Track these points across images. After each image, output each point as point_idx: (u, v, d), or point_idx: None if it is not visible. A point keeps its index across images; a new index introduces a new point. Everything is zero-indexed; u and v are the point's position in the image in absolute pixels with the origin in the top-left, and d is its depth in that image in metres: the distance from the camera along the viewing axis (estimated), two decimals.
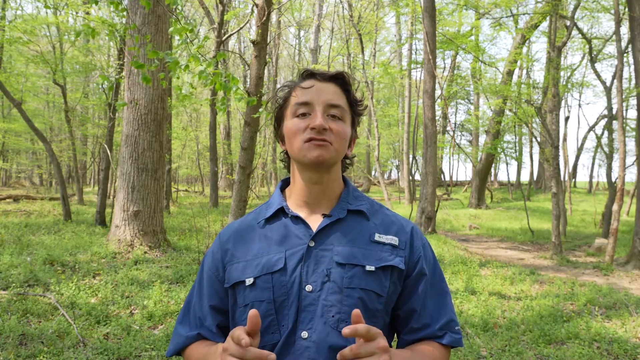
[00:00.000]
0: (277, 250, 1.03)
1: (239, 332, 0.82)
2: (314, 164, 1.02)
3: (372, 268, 1.00)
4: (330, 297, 0.98)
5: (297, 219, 1.05)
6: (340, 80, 1.08)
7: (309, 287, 0.98)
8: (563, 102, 21.52)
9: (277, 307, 0.98)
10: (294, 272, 0.99)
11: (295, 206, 1.09)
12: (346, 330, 0.80)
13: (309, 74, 1.09)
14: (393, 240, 1.05)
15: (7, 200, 14.36)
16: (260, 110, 4.15)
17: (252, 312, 0.83)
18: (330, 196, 1.09)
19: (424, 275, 1.06)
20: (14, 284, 4.76)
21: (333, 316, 0.97)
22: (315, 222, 1.06)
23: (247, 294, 1.01)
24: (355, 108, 1.11)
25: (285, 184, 1.17)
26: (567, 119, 20.04)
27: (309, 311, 0.97)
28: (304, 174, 1.07)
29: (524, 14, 14.29)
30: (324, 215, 1.06)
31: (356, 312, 0.82)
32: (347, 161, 1.15)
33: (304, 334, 0.96)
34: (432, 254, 1.12)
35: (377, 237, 1.05)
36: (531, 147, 26.47)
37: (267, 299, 0.99)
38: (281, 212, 1.08)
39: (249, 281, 1.01)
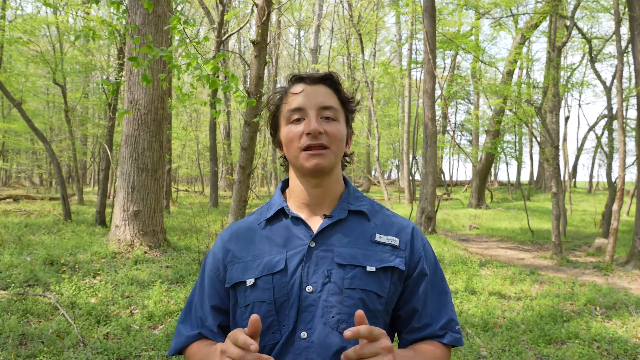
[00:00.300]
0: (277, 251, 1.03)
1: (243, 336, 0.82)
2: (312, 172, 1.03)
3: (373, 269, 1.00)
4: (331, 298, 0.98)
5: (297, 220, 1.06)
6: (330, 80, 1.08)
7: (309, 288, 0.98)
8: (563, 102, 21.53)
9: (277, 308, 0.99)
10: (294, 273, 0.99)
11: (295, 207, 1.09)
12: (348, 332, 0.80)
13: (297, 79, 1.09)
14: (393, 240, 1.05)
15: (7, 200, 14.37)
16: (262, 112, 4.15)
17: (254, 317, 0.83)
18: (331, 197, 1.09)
19: (425, 275, 1.07)
20: (14, 284, 4.76)
21: (333, 317, 0.97)
22: (315, 222, 1.06)
23: (248, 295, 1.02)
24: (347, 106, 1.11)
25: (285, 184, 1.17)
26: (567, 118, 20.04)
27: (309, 312, 0.98)
28: (304, 179, 1.07)
29: (524, 14, 14.29)
30: (325, 216, 1.06)
31: (359, 313, 0.82)
32: (347, 159, 1.15)
33: (303, 334, 0.97)
34: (433, 254, 1.12)
35: (377, 237, 1.05)
36: (531, 147, 26.48)
37: (268, 300, 0.99)
38: (282, 213, 1.09)
39: (249, 282, 1.02)
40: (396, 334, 1.12)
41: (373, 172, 32.57)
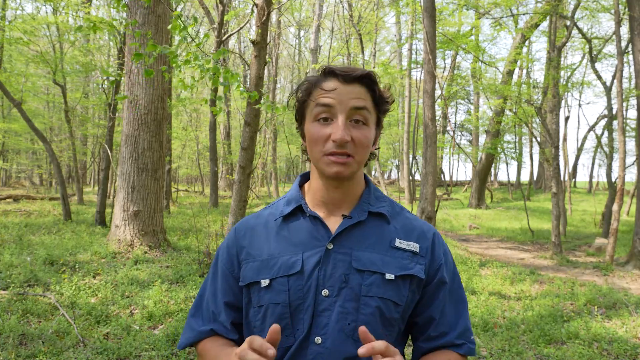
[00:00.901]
0: (294, 251, 1.00)
1: (260, 340, 0.79)
2: (332, 179, 0.99)
3: (392, 277, 0.97)
4: (347, 304, 0.95)
5: (315, 219, 1.02)
6: (367, 80, 0.99)
7: (325, 292, 0.95)
8: (563, 102, 21.54)
9: (292, 311, 0.96)
10: (311, 276, 0.96)
11: (313, 204, 1.05)
12: (362, 350, 0.77)
13: (330, 72, 0.99)
14: (414, 247, 1.01)
15: (7, 200, 14.37)
16: (262, 101, 4.13)
17: (275, 327, 0.80)
18: (351, 197, 1.05)
19: (445, 283, 1.04)
20: (14, 284, 4.76)
21: (349, 324, 0.94)
22: (334, 223, 1.02)
23: (263, 295, 0.99)
24: (381, 107, 1.03)
25: (304, 179, 1.12)
26: (567, 119, 20.05)
27: (324, 316, 0.95)
28: (324, 180, 1.02)
29: (524, 14, 14.29)
30: (344, 216, 1.02)
31: (362, 329, 0.80)
32: (371, 155, 1.08)
33: (318, 339, 0.94)
34: (452, 261, 1.09)
35: (397, 242, 1.01)
36: (531, 147, 26.49)
37: (283, 302, 0.96)
38: (299, 210, 1.05)
39: (264, 282, 0.98)
40: (412, 341, 1.10)
41: (373, 172, 32.56)
